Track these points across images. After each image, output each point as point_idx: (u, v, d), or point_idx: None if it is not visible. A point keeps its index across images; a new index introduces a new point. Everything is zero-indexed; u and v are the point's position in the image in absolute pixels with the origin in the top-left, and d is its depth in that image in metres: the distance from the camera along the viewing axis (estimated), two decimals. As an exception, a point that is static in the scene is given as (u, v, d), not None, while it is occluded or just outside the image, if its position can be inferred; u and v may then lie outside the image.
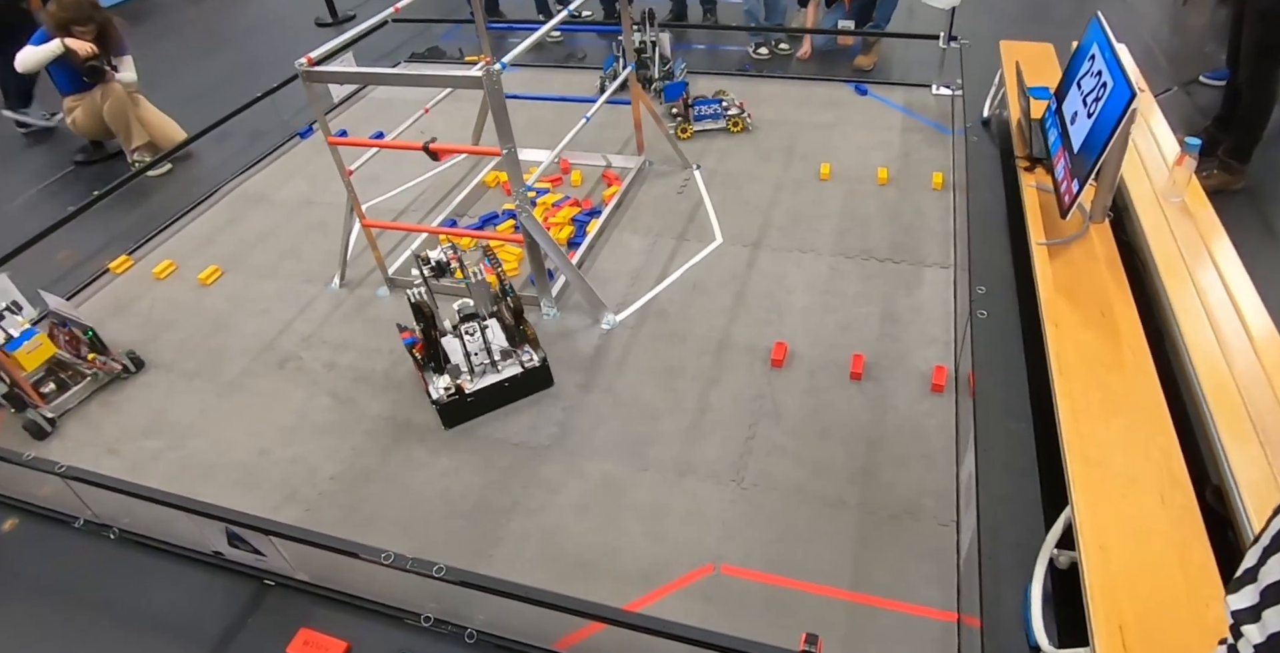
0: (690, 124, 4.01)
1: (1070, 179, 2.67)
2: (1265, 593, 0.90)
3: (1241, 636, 0.93)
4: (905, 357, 2.68)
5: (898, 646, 1.88)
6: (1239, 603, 0.94)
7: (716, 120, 4.04)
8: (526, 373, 2.56)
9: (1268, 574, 0.90)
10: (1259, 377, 2.11)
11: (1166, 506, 1.87)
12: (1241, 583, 0.95)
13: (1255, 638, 0.90)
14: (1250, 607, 0.92)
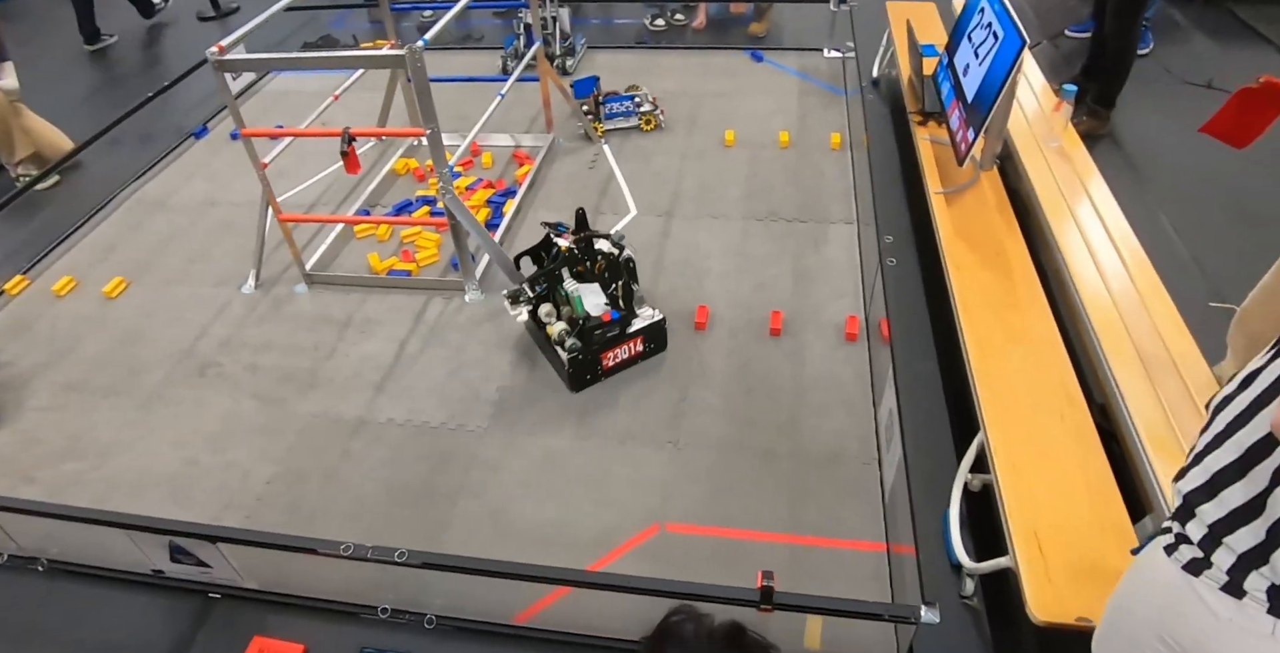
0: (601, 122, 3.89)
1: (966, 128, 2.82)
2: (1217, 475, 1.00)
3: (1194, 517, 1.03)
4: (819, 310, 2.80)
5: (835, 579, 2.01)
6: (1190, 485, 1.04)
7: (628, 118, 3.91)
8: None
9: (1219, 459, 1.00)
10: (1135, 301, 2.31)
11: (1066, 423, 2.05)
12: (1188, 469, 1.06)
13: (1211, 516, 1.00)
14: (1203, 486, 1.02)
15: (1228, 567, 0.98)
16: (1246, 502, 0.96)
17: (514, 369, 2.64)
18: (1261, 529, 0.94)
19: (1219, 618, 1.00)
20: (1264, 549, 0.94)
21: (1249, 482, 0.96)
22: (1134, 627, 1.15)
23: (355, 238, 3.29)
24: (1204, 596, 1.01)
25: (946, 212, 2.84)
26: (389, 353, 2.73)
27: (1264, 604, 0.96)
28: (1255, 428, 0.95)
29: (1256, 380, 0.97)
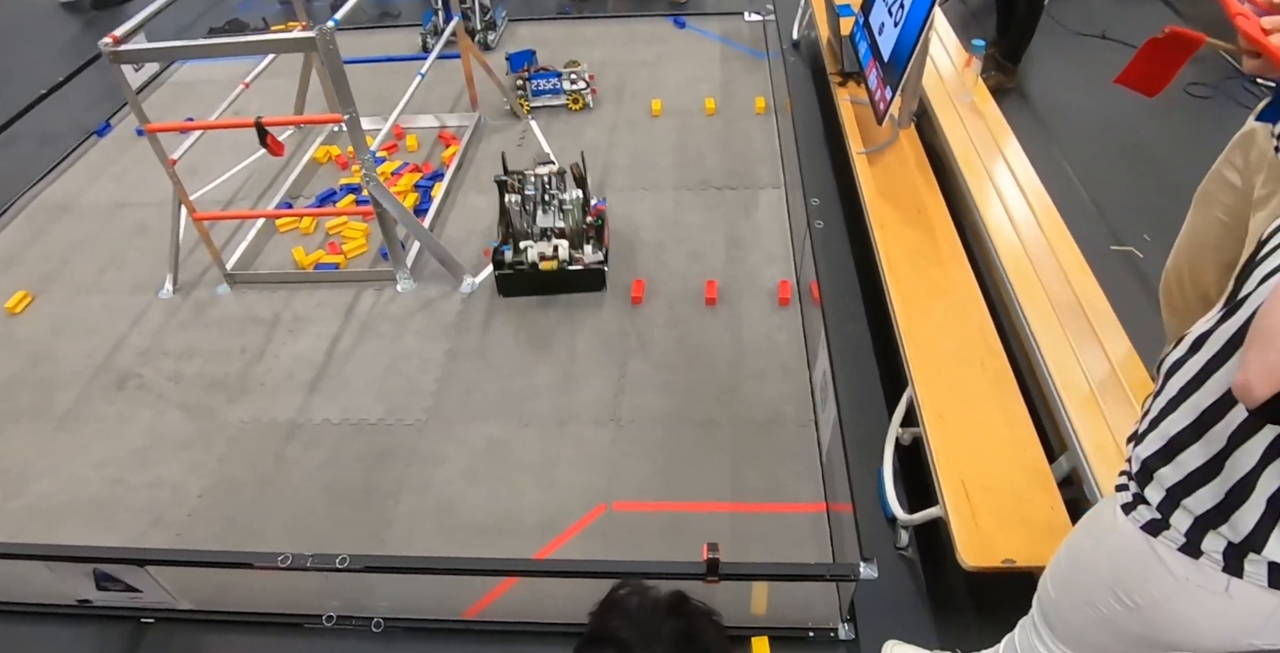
0: (528, 100, 3.79)
1: (884, 87, 2.83)
2: (1174, 440, 1.00)
3: (1152, 480, 1.04)
4: (753, 277, 2.83)
5: (779, 543, 2.05)
6: (1148, 450, 1.05)
7: (556, 95, 3.80)
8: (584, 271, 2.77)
9: (1174, 423, 1.01)
10: (1044, 249, 2.37)
11: (987, 370, 2.11)
12: (1144, 434, 1.06)
13: (1170, 479, 1.01)
14: (1159, 451, 1.03)
15: (1185, 528, 1.00)
16: (1204, 463, 0.97)
17: (451, 359, 2.61)
18: (1221, 490, 0.95)
19: (1176, 577, 1.02)
20: (1223, 509, 0.96)
21: (1206, 444, 0.96)
22: (1089, 581, 1.18)
23: (278, 232, 3.19)
24: (1161, 555, 1.03)
25: (869, 171, 2.87)
26: (320, 351, 2.67)
27: (1219, 563, 0.98)
28: (1209, 391, 0.95)
29: (1206, 344, 0.97)
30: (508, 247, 2.76)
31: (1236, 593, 0.99)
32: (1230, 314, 0.95)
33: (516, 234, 2.77)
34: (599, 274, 2.79)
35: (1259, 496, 0.92)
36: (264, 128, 2.48)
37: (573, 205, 2.74)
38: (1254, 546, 0.95)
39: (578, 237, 2.79)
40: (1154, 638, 1.16)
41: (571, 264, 2.75)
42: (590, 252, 2.78)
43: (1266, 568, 0.96)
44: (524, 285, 2.78)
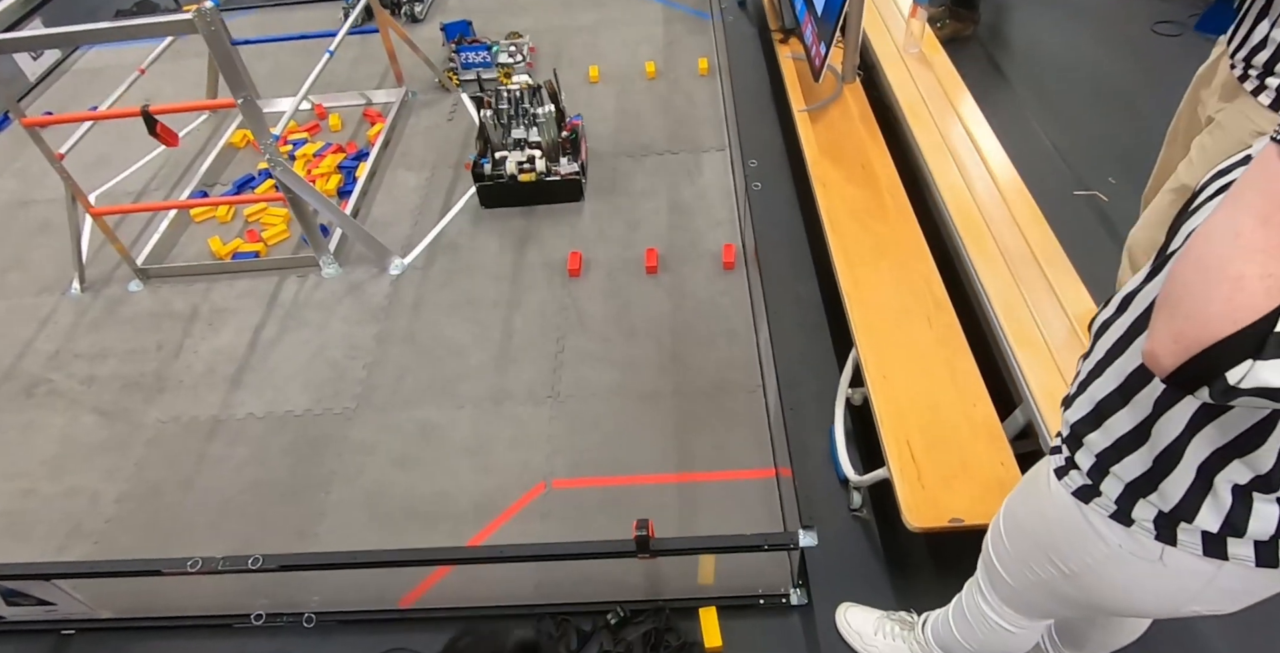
0: (457, 74, 3.61)
1: (818, 43, 2.72)
2: (1101, 404, 0.94)
3: (1082, 446, 0.97)
4: (696, 242, 2.72)
5: (728, 511, 1.97)
6: (1076, 415, 0.98)
7: (488, 68, 3.61)
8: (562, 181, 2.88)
9: (1102, 387, 0.94)
10: (997, 201, 2.29)
11: (933, 326, 2.04)
12: (1074, 397, 1.00)
13: (1098, 445, 0.94)
14: (1088, 415, 0.96)
15: (1115, 496, 0.94)
16: (1131, 430, 0.91)
17: (380, 343, 2.49)
18: (1149, 458, 0.89)
19: (1109, 544, 0.97)
20: (1151, 477, 0.90)
21: (1132, 409, 0.90)
22: (1025, 545, 1.13)
23: (194, 223, 3.02)
24: (1094, 522, 0.98)
25: (811, 129, 2.76)
26: (242, 343, 2.53)
27: (1151, 532, 0.92)
28: (1134, 355, 0.89)
29: (1133, 304, 0.90)
30: (486, 159, 2.85)
31: (1171, 561, 0.93)
32: (1156, 272, 0.88)
33: (494, 147, 2.87)
34: (575, 184, 2.88)
35: (1186, 465, 0.86)
36: (152, 117, 2.32)
37: (546, 119, 2.85)
38: (1184, 515, 0.89)
39: (554, 150, 2.90)
40: (1092, 603, 1.10)
41: (549, 176, 2.84)
42: (566, 163, 2.87)
43: (1200, 537, 0.89)
44: (504, 197, 2.88)
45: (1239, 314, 0.66)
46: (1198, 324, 0.68)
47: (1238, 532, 0.86)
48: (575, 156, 2.92)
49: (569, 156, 2.92)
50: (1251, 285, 0.66)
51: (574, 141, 2.95)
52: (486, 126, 2.86)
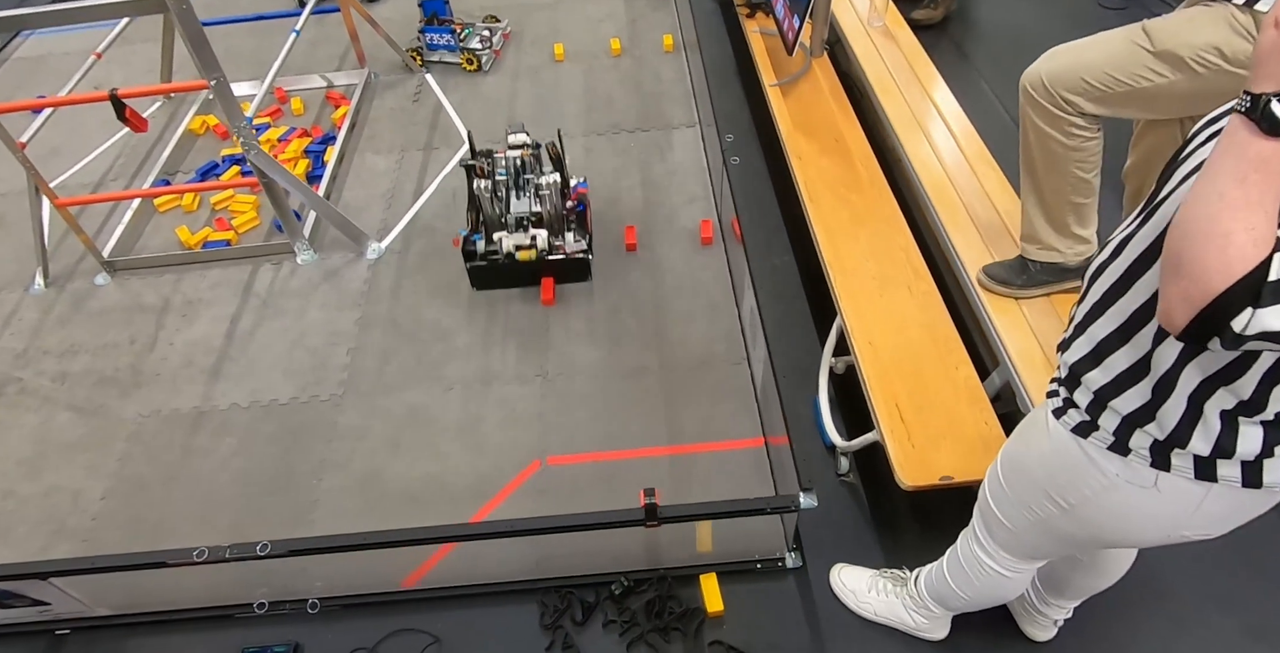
0: (421, 55, 3.53)
1: (791, 16, 2.74)
2: (1101, 344, 1.00)
3: (1080, 385, 1.03)
4: (672, 219, 2.74)
5: (720, 481, 2.02)
6: (1075, 355, 1.04)
7: (453, 52, 3.52)
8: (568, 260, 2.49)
9: (1101, 328, 1.00)
10: (965, 169, 2.35)
11: (914, 294, 2.09)
12: (1071, 340, 1.06)
13: (1098, 382, 1.00)
14: (1088, 355, 1.02)
15: (1113, 428, 1.00)
16: (1131, 365, 0.97)
17: (363, 329, 2.46)
18: (1147, 389, 0.95)
19: (1106, 475, 1.03)
20: (1149, 408, 0.96)
21: (1133, 346, 0.96)
22: (1025, 485, 1.19)
23: (158, 212, 2.94)
24: (1091, 455, 1.04)
25: (783, 103, 2.79)
26: (219, 333, 2.48)
27: (1147, 459, 0.98)
28: (1134, 295, 0.95)
29: (1128, 248, 0.96)
30: (479, 236, 2.45)
31: (1165, 486, 1.00)
32: (1149, 216, 0.93)
33: (489, 222, 2.45)
34: (583, 263, 2.50)
35: (1180, 394, 0.92)
36: (120, 101, 2.24)
37: (550, 190, 2.41)
38: (1179, 441, 0.95)
39: (557, 223, 2.47)
40: (1089, 537, 1.17)
41: (552, 253, 2.45)
42: (572, 240, 2.47)
43: (1192, 461, 0.96)
44: (499, 277, 2.48)
45: (1233, 267, 0.73)
46: (1199, 281, 0.74)
47: (1226, 454, 0.93)
48: (582, 230, 2.52)
49: (575, 231, 2.49)
50: (1239, 239, 0.73)
51: (580, 213, 2.54)
52: (480, 200, 2.43)
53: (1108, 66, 1.54)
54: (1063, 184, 1.74)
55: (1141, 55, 1.52)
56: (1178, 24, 1.50)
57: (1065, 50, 1.64)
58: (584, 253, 2.48)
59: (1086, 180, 1.74)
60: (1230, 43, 1.44)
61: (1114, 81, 1.54)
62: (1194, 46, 1.46)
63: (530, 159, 2.46)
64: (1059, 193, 1.77)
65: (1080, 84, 1.57)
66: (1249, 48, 1.42)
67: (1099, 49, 1.58)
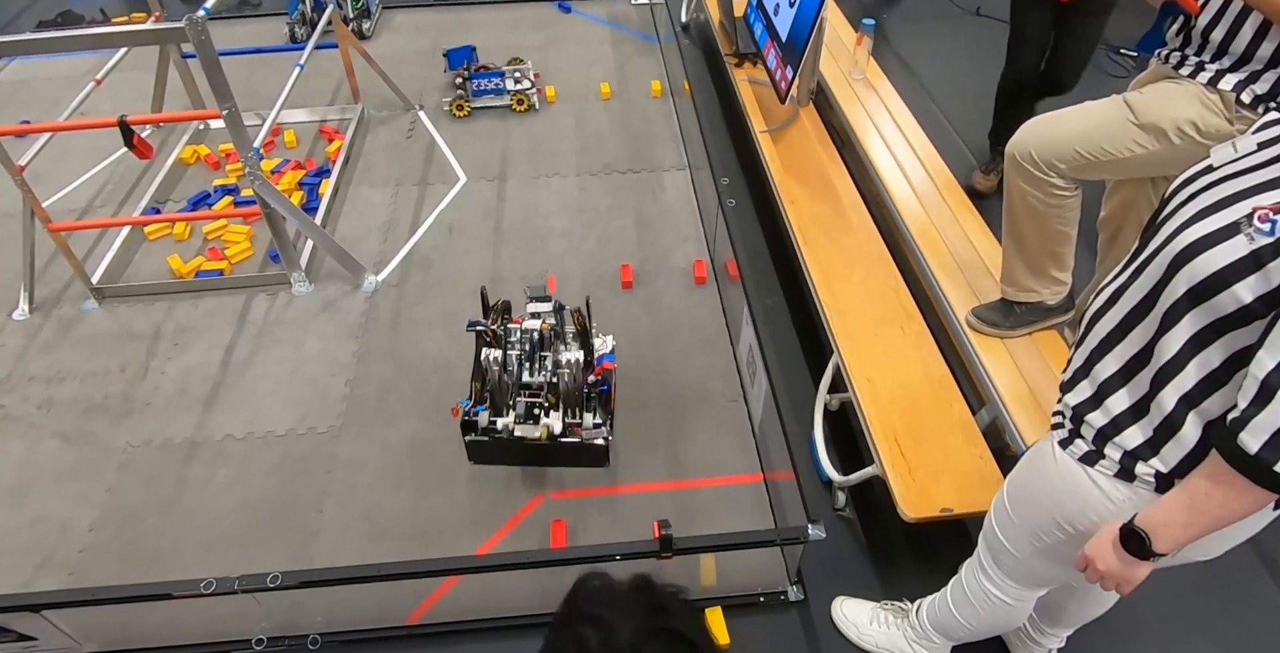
0: (468, 100, 3.53)
1: (783, 67, 2.87)
2: (1102, 386, 1.08)
3: (1084, 423, 1.11)
4: (666, 258, 2.82)
5: (721, 516, 2.05)
6: (1077, 398, 1.12)
7: (499, 95, 3.54)
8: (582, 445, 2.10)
9: (1102, 371, 1.08)
10: (948, 216, 2.47)
11: (907, 334, 2.19)
12: (1073, 383, 1.14)
13: (1099, 422, 1.09)
14: (1089, 398, 1.10)
15: (1118, 457, 1.08)
16: (1131, 406, 1.05)
17: (360, 360, 2.47)
18: (1149, 428, 1.04)
19: (1112, 501, 1.10)
20: (1152, 445, 1.04)
21: (1133, 388, 1.05)
22: (1033, 513, 1.25)
23: (148, 240, 2.91)
24: (1098, 482, 1.11)
25: (773, 149, 2.91)
26: (214, 362, 2.46)
27: (1152, 485, 1.06)
28: (1131, 342, 1.04)
29: (1122, 299, 1.05)
30: (482, 407, 2.07)
31: None
32: (1140, 271, 1.03)
33: (494, 395, 2.09)
34: (600, 451, 2.12)
35: (1182, 434, 1.00)
36: (129, 127, 2.25)
37: (570, 368, 2.06)
38: (1181, 472, 1.03)
39: (573, 400, 2.10)
40: None
41: (565, 435, 2.08)
42: (590, 421, 2.09)
43: None
44: (501, 454, 2.13)
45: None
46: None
47: None
48: (604, 411, 2.13)
49: (595, 411, 2.11)
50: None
51: (604, 393, 2.14)
52: (487, 370, 2.07)
53: (1099, 138, 1.66)
54: (1044, 237, 1.87)
55: (1129, 128, 1.65)
56: (1156, 98, 1.64)
57: (1050, 122, 1.75)
58: (604, 440, 2.10)
59: (1065, 232, 1.86)
60: (1203, 118, 1.58)
61: (1103, 152, 1.67)
62: (1174, 120, 1.60)
63: (549, 333, 2.11)
64: (1041, 244, 1.89)
65: (1071, 153, 1.69)
66: (1219, 122, 1.57)
67: (1089, 121, 1.70)
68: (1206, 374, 0.97)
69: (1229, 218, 0.93)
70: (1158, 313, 1.00)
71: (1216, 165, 1.02)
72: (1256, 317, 0.90)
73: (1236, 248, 0.90)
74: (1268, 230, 0.88)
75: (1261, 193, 0.92)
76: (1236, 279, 0.90)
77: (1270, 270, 0.87)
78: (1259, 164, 0.96)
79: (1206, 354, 0.96)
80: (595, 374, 2.13)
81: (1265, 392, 0.88)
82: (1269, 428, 0.88)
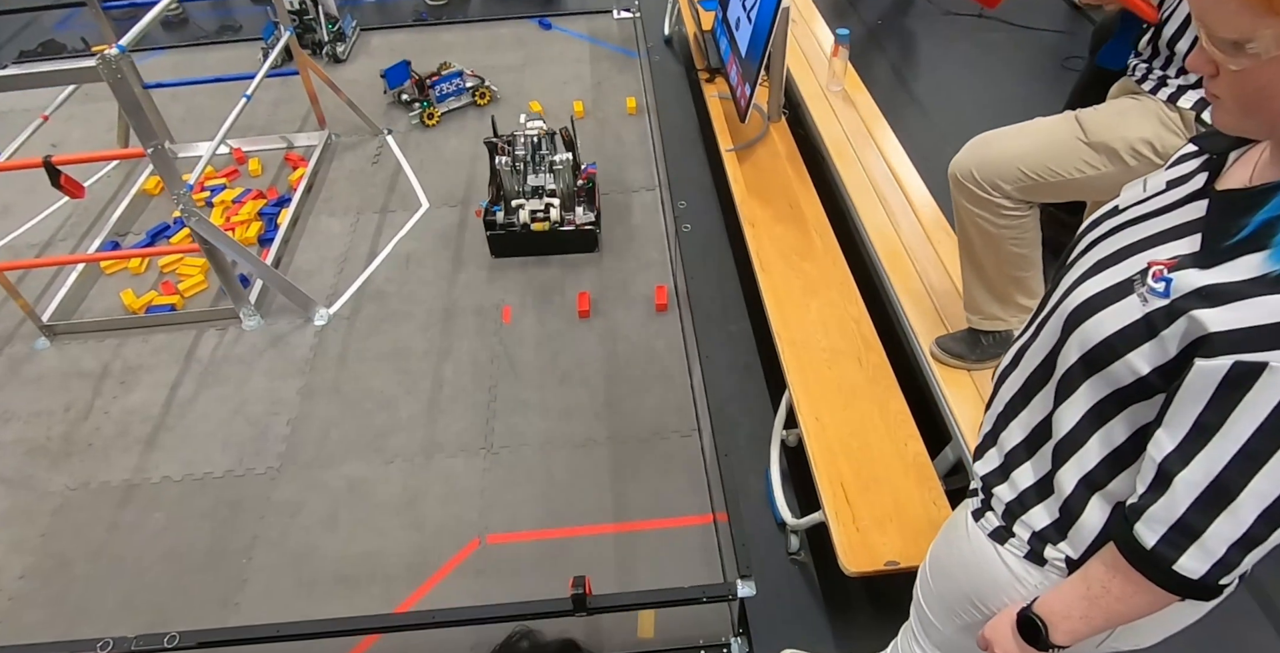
0: (435, 107, 3.59)
1: (743, 83, 2.78)
2: (1008, 456, 0.96)
3: (993, 495, 0.99)
4: (628, 285, 2.72)
5: (667, 561, 1.95)
6: (985, 468, 1.00)
7: (460, 96, 3.66)
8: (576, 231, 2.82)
9: (1008, 439, 0.96)
10: (920, 237, 2.36)
11: (864, 367, 2.07)
12: (983, 449, 1.01)
13: (1007, 497, 0.96)
14: (996, 469, 0.98)
15: (1028, 538, 0.96)
16: (1035, 482, 0.93)
17: (305, 398, 2.40)
18: (1055, 508, 0.91)
19: (1025, 585, 0.97)
20: (1059, 526, 0.92)
21: (1037, 462, 0.93)
22: (949, 589, 1.13)
23: (104, 274, 2.89)
24: (1009, 563, 0.98)
25: (739, 168, 2.81)
26: (157, 402, 2.41)
27: (1064, 571, 0.93)
28: (1034, 410, 0.91)
29: (1025, 357, 0.93)
30: (499, 207, 2.78)
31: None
32: (1041, 328, 0.91)
33: (507, 194, 2.79)
34: (590, 235, 2.82)
35: (1088, 518, 0.88)
36: (55, 168, 2.21)
37: (563, 167, 2.75)
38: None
39: (568, 198, 2.81)
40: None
41: (563, 225, 2.78)
42: (582, 213, 2.80)
43: None
44: (516, 246, 2.81)
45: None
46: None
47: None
48: (591, 206, 2.85)
49: (584, 205, 2.84)
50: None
51: (590, 190, 2.87)
52: (500, 174, 2.77)
53: (1045, 158, 1.55)
54: (1001, 260, 1.75)
55: (1078, 147, 1.53)
56: (1109, 117, 1.52)
57: (995, 140, 1.64)
58: (592, 225, 2.81)
59: (1024, 254, 1.74)
60: (1161, 137, 1.46)
61: (1050, 172, 1.55)
62: (1128, 140, 1.48)
63: (545, 140, 2.78)
64: (998, 268, 1.77)
65: (1015, 173, 1.57)
66: (1178, 142, 1.44)
67: (1034, 140, 1.58)
68: (1110, 451, 0.85)
69: (1124, 273, 0.80)
70: (1055, 379, 0.88)
71: (1122, 207, 0.90)
72: (1157, 390, 0.78)
73: (1129, 310, 0.78)
74: (1161, 290, 0.75)
75: (1160, 243, 0.80)
76: (1129, 347, 0.77)
77: (1165, 338, 0.75)
78: (1163, 208, 0.84)
79: (1109, 429, 0.84)
80: (583, 178, 2.87)
81: (1162, 477, 0.76)
82: (1165, 520, 0.76)
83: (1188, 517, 0.75)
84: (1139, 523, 0.78)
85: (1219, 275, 0.71)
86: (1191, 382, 0.72)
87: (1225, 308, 0.70)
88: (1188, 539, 0.75)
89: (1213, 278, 0.71)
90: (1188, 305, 0.72)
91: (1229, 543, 0.74)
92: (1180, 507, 0.75)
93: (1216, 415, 0.71)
